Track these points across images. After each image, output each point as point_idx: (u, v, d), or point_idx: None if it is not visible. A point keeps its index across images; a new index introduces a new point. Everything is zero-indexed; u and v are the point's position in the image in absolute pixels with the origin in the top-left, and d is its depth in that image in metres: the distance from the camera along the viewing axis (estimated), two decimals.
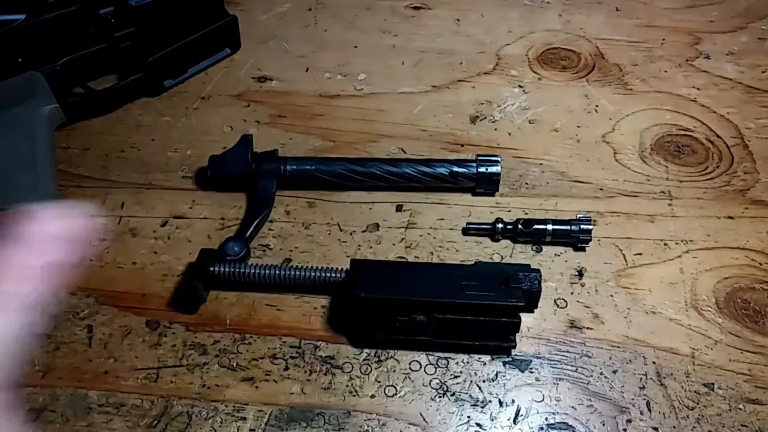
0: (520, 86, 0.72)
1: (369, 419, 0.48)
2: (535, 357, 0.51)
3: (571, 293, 0.54)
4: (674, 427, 0.47)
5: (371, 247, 0.58)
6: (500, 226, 0.57)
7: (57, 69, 0.64)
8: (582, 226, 0.56)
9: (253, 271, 0.53)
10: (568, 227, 0.56)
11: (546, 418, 0.48)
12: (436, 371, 0.50)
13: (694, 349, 0.51)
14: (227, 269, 0.53)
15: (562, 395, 0.49)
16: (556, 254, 0.57)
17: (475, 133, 0.67)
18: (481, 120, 0.68)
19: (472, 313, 0.49)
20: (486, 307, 0.49)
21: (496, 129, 0.67)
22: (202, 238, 0.58)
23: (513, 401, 0.48)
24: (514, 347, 0.51)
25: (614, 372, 0.50)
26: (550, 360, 0.50)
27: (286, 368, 0.50)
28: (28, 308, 0.28)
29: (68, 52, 0.65)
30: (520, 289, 0.49)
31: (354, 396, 0.49)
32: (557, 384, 0.49)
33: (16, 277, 0.28)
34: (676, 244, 0.57)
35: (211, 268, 0.52)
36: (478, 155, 0.61)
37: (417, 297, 0.49)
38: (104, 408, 0.48)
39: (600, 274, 0.55)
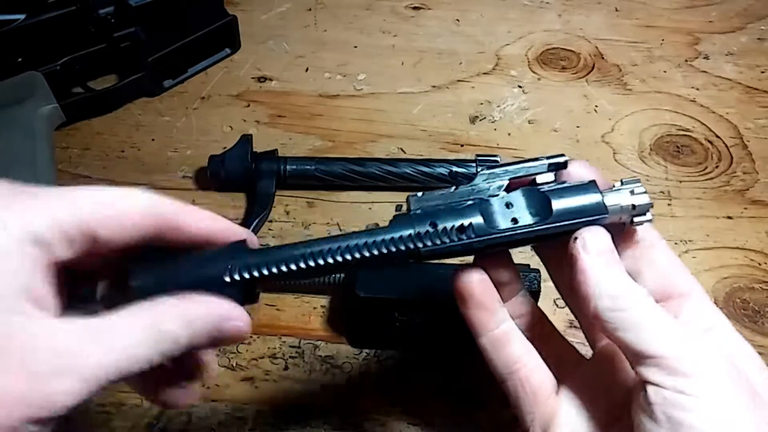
0: (520, 86, 0.72)
1: (369, 419, 0.48)
2: None
3: None
4: None
5: None
6: None
7: (57, 69, 0.64)
8: None
9: None
10: None
11: None
12: (435, 371, 0.50)
13: None
14: None
15: None
16: None
17: (475, 133, 0.67)
18: (480, 120, 0.68)
19: None
20: None
21: (495, 129, 0.67)
22: None
23: None
24: None
25: None
26: None
27: (286, 368, 0.50)
28: None
29: (68, 52, 0.65)
30: None
31: (354, 396, 0.49)
32: None
33: None
34: (676, 244, 0.57)
35: None
36: (478, 155, 0.61)
37: (417, 297, 0.49)
38: (104, 408, 0.48)
39: None
